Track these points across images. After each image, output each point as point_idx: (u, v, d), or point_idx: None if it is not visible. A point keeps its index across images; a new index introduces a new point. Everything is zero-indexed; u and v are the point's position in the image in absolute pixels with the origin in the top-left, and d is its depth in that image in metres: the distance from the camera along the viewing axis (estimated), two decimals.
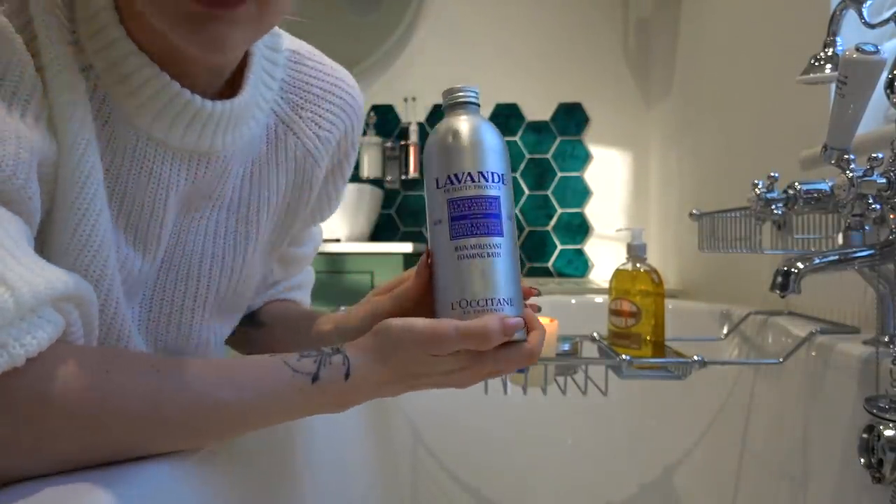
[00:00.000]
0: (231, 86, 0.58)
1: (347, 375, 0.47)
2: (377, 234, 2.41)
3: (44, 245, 0.48)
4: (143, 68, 0.50)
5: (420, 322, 0.48)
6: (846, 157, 0.70)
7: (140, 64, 0.50)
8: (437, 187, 0.52)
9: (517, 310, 0.51)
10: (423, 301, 0.56)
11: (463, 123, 0.53)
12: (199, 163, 0.56)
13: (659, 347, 0.96)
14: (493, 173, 0.52)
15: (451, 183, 0.51)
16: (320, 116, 0.67)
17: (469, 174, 0.51)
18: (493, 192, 0.51)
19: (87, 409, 0.39)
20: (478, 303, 0.49)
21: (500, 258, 0.50)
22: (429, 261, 0.54)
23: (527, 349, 0.50)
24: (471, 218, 0.51)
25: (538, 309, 0.57)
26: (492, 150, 0.52)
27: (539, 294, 0.56)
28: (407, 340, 0.48)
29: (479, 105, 0.54)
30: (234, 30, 0.46)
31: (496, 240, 0.51)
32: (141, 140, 0.52)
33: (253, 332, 0.77)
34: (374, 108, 2.42)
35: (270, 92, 0.63)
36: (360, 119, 0.73)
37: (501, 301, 0.50)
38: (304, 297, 0.86)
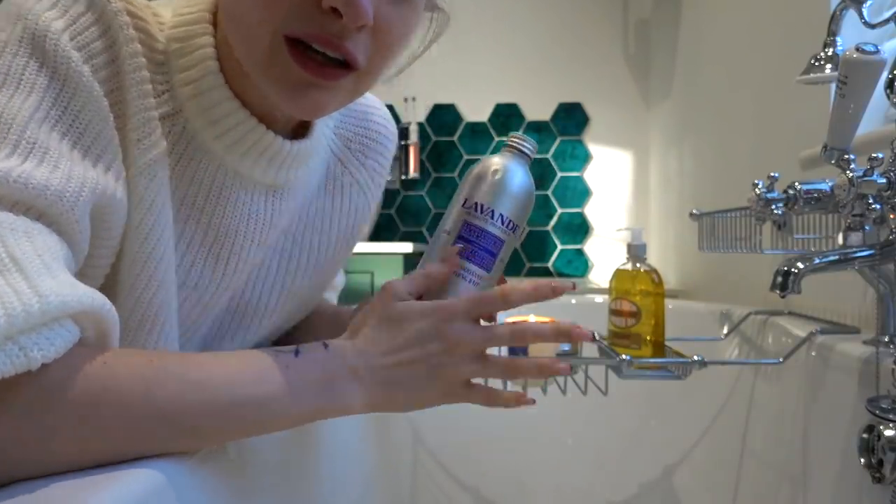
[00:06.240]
0: (300, 124, 0.63)
1: (326, 346, 0.51)
2: (377, 234, 2.41)
3: (112, 280, 0.53)
4: (236, 113, 0.56)
5: None
6: (846, 157, 0.70)
7: (232, 109, 0.56)
8: (462, 206, 0.59)
9: None
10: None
11: (512, 169, 0.59)
12: (275, 195, 0.62)
13: (659, 347, 0.96)
14: (510, 221, 0.59)
15: (475, 210, 0.58)
16: (367, 147, 0.73)
17: (492, 211, 0.58)
18: (501, 236, 0.58)
19: (86, 398, 0.40)
20: None
21: (477, 287, 0.58)
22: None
23: (503, 362, 0.55)
24: (474, 245, 0.58)
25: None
26: (521, 202, 0.59)
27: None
28: (367, 309, 0.54)
29: (532, 158, 0.61)
30: (332, 97, 0.52)
31: (482, 272, 0.58)
32: (229, 176, 0.58)
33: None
34: None
35: (328, 129, 0.69)
36: (395, 143, 0.78)
37: None
38: (331, 298, 0.89)
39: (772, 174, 0.85)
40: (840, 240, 0.75)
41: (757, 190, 0.85)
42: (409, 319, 0.52)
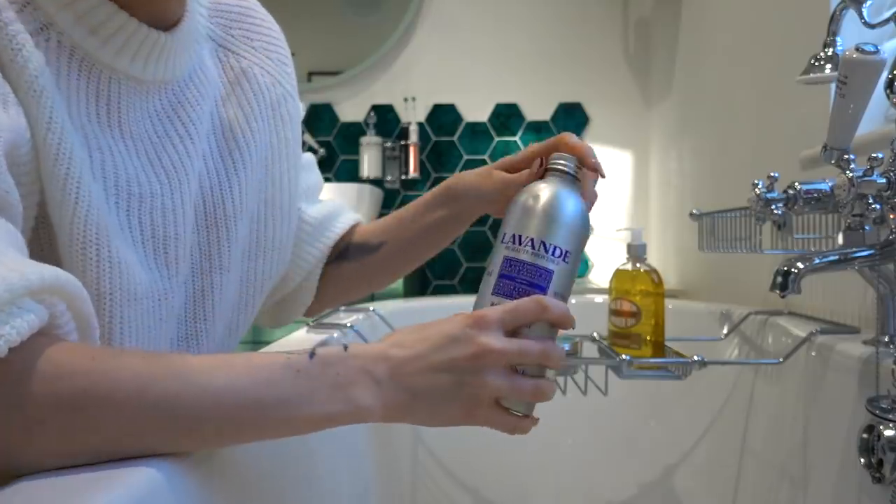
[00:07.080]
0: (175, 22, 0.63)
1: (345, 348, 0.47)
2: None
3: (43, 221, 0.51)
4: (114, 16, 0.54)
5: None
6: (846, 157, 0.70)
7: (110, 12, 0.53)
8: (501, 241, 0.53)
9: None
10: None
11: (547, 190, 0.53)
12: (167, 90, 0.61)
13: (659, 347, 0.96)
14: (556, 247, 0.52)
15: (513, 242, 0.52)
16: (248, 30, 0.73)
17: (532, 240, 0.51)
18: (548, 266, 0.51)
19: (74, 394, 0.39)
20: None
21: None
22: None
23: (534, 385, 0.52)
24: (517, 282, 0.51)
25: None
26: (566, 224, 0.52)
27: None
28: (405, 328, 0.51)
29: (573, 176, 0.55)
30: None
31: None
32: (122, 82, 0.56)
33: (370, 258, 0.82)
34: (374, 108, 2.42)
35: (203, 19, 0.68)
36: (269, 16, 0.77)
37: None
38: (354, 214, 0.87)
39: (772, 174, 0.85)
40: (840, 240, 0.75)
41: (757, 190, 0.85)
42: (438, 321, 0.49)
